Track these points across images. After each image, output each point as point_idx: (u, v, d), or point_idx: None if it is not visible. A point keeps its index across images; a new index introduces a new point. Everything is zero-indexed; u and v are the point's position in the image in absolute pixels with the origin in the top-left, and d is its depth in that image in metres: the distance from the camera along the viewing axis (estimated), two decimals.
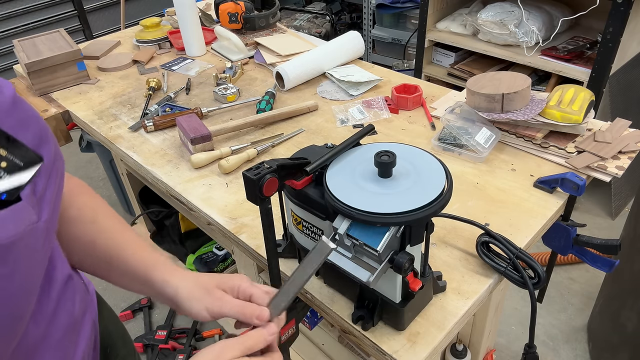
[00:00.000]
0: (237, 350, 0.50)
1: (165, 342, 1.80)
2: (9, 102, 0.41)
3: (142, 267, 0.62)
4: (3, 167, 0.38)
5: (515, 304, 1.88)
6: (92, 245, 0.63)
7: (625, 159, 0.99)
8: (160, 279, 0.61)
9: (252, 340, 0.52)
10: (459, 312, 0.74)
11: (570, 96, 1.04)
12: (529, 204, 0.93)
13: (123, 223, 0.68)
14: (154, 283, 0.61)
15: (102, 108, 1.36)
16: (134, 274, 0.63)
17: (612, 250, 0.89)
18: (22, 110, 0.42)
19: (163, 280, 0.61)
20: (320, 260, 0.57)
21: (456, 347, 1.14)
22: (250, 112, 1.29)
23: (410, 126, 1.19)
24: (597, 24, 2.06)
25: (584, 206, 2.28)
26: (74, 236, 0.63)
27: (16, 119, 0.41)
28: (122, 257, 0.63)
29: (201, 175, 1.08)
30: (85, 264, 0.64)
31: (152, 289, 0.62)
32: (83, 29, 3.23)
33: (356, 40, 1.48)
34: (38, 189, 0.42)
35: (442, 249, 0.84)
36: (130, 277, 0.63)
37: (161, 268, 0.62)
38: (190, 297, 0.59)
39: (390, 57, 3.04)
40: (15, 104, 0.41)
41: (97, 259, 0.64)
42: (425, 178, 0.64)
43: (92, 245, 0.63)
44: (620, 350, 1.49)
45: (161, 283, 0.61)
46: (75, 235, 0.63)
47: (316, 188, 0.69)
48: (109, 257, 0.63)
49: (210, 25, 1.79)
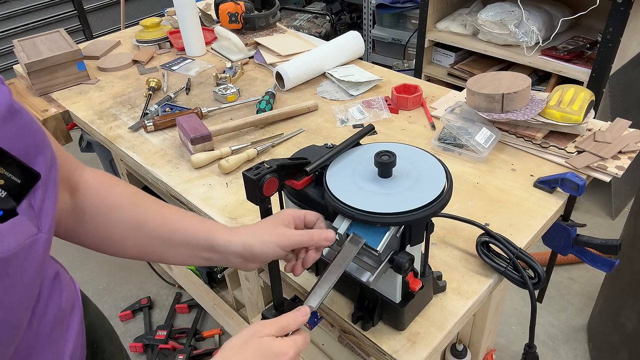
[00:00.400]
0: (272, 328, 0.53)
1: (165, 342, 1.80)
2: (4, 112, 0.41)
3: (203, 234, 0.63)
4: (1, 184, 0.39)
5: (515, 304, 1.88)
6: (142, 226, 0.64)
7: (625, 159, 0.99)
8: (223, 240, 0.63)
9: (286, 321, 0.55)
10: (459, 312, 0.74)
11: (570, 96, 1.04)
12: (529, 204, 0.93)
13: (162, 202, 0.69)
14: (219, 245, 0.63)
15: (102, 108, 1.36)
16: (195, 242, 0.64)
17: (612, 250, 0.89)
18: (18, 119, 0.42)
19: (227, 240, 0.62)
20: (353, 253, 0.61)
21: (456, 347, 1.14)
22: (250, 112, 1.29)
23: (410, 126, 1.19)
24: (597, 24, 2.06)
25: (584, 206, 2.28)
26: (119, 222, 0.64)
27: (12, 130, 0.41)
28: (178, 230, 0.64)
29: (201, 175, 1.08)
30: (134, 249, 0.65)
31: (217, 252, 0.63)
32: (83, 29, 3.23)
33: (356, 40, 1.48)
34: (36, 203, 0.42)
35: (442, 249, 0.84)
36: (191, 246, 0.64)
37: (221, 229, 0.64)
38: (260, 242, 0.61)
39: (390, 57, 3.04)
40: (11, 114, 0.42)
41: (149, 239, 0.64)
42: (425, 178, 0.64)
43: (142, 226, 0.64)
44: (620, 350, 1.49)
45: (226, 243, 0.62)
46: (119, 221, 0.64)
47: (316, 188, 0.69)
48: (164, 233, 0.64)
49: (210, 25, 1.79)
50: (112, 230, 0.64)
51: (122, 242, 0.64)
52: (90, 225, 0.64)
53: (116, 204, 0.65)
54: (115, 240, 0.64)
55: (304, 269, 0.66)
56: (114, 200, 0.65)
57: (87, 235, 0.64)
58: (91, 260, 2.21)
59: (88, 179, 0.65)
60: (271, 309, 0.69)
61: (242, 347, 0.52)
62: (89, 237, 0.64)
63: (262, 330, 0.53)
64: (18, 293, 0.39)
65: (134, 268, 2.17)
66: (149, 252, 0.66)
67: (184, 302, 1.99)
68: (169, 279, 2.07)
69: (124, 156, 1.18)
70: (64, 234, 0.63)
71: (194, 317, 1.92)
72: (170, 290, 2.07)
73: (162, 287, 2.09)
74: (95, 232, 0.64)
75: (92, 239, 0.64)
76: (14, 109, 0.42)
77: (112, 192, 0.66)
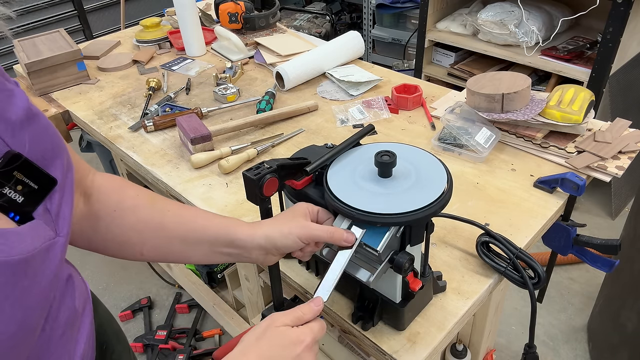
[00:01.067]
0: (288, 318, 0.55)
1: (165, 342, 1.80)
2: (22, 117, 0.41)
3: (223, 230, 0.64)
4: (19, 190, 0.39)
5: (515, 304, 1.88)
6: (160, 226, 0.64)
7: (625, 159, 0.99)
8: (245, 234, 0.63)
9: (301, 311, 0.56)
10: (459, 312, 0.74)
11: (570, 96, 1.04)
12: (529, 204, 0.93)
13: (178, 202, 0.69)
14: (241, 240, 0.63)
15: (102, 108, 1.36)
16: (215, 239, 0.64)
17: (612, 250, 0.89)
18: (35, 123, 0.43)
19: (249, 234, 0.63)
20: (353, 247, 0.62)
21: (456, 347, 1.14)
22: (250, 112, 1.29)
23: (410, 126, 1.19)
24: (597, 24, 2.06)
25: (584, 206, 2.28)
26: (136, 224, 0.63)
27: (29, 134, 0.41)
28: (197, 227, 0.64)
29: (201, 175, 1.08)
30: (153, 251, 0.65)
31: (238, 247, 0.64)
32: (83, 29, 3.23)
33: (356, 40, 1.48)
34: (52, 207, 0.43)
35: (442, 249, 0.84)
36: (211, 243, 0.64)
37: (242, 224, 0.64)
38: (280, 234, 0.62)
39: (390, 57, 3.04)
40: (28, 118, 0.42)
41: (168, 239, 0.64)
42: (426, 178, 0.64)
43: (160, 226, 0.64)
44: (620, 350, 1.49)
45: (248, 237, 0.63)
46: (136, 223, 0.63)
47: (316, 188, 0.69)
48: (183, 231, 0.64)
49: (210, 25, 1.79)
50: (129, 233, 0.63)
51: (140, 245, 0.64)
52: (105, 230, 0.63)
53: (132, 206, 0.64)
54: (132, 244, 0.64)
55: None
56: (129, 202, 0.64)
57: (104, 240, 0.63)
58: (91, 260, 2.21)
59: (100, 183, 0.65)
60: (271, 309, 0.69)
61: (261, 338, 0.53)
62: (105, 242, 0.63)
63: (279, 320, 0.55)
64: (36, 295, 0.39)
65: (134, 268, 2.17)
66: (168, 253, 0.65)
67: (184, 302, 1.99)
68: (169, 279, 2.07)
69: (124, 156, 1.18)
70: (80, 241, 0.63)
71: (194, 317, 1.92)
72: (170, 290, 2.07)
73: (162, 287, 2.09)
74: (110, 236, 0.63)
75: (108, 243, 0.64)
76: (31, 112, 0.42)
77: (126, 194, 0.65)
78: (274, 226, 0.63)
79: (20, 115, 0.41)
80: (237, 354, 0.52)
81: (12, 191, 0.38)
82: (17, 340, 0.38)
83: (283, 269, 0.82)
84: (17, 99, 0.42)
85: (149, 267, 2.10)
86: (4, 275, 0.35)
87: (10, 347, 0.37)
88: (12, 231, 0.37)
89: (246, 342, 0.53)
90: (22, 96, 0.42)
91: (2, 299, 0.36)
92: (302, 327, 0.55)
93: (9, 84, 0.44)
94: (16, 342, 0.38)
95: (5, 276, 0.36)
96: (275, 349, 0.52)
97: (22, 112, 0.41)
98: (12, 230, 0.38)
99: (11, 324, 0.37)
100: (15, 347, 0.38)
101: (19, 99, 0.42)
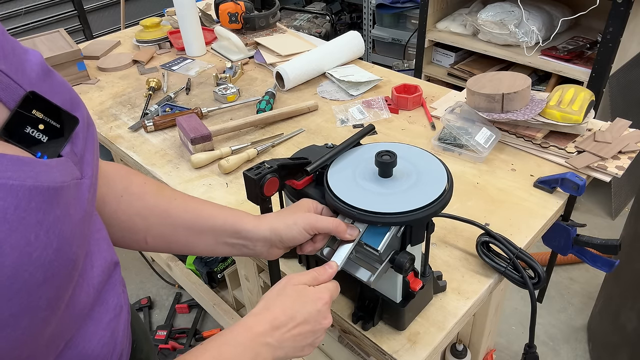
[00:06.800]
0: (305, 278, 0.58)
1: (165, 342, 1.80)
2: (38, 69, 0.41)
3: (229, 220, 0.64)
4: (41, 129, 0.39)
5: (515, 304, 1.88)
6: (166, 213, 0.64)
7: (625, 159, 0.99)
8: (251, 225, 0.64)
9: (317, 272, 0.59)
10: (459, 312, 0.74)
11: (570, 96, 1.04)
12: (529, 204, 0.93)
13: (184, 193, 0.69)
14: (246, 230, 0.64)
15: (102, 108, 1.36)
16: (221, 228, 0.64)
17: (612, 250, 0.89)
18: (52, 78, 0.43)
19: (254, 225, 0.64)
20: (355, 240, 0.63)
21: (456, 347, 1.14)
22: (250, 112, 1.29)
23: (410, 126, 1.19)
24: (597, 24, 2.06)
25: (584, 206, 2.28)
26: (142, 210, 0.63)
27: (47, 86, 0.41)
28: (203, 216, 0.64)
29: (201, 175, 1.08)
30: (158, 238, 0.65)
31: (243, 238, 0.64)
32: (83, 29, 3.22)
33: (356, 40, 1.48)
34: (78, 149, 0.43)
35: (442, 249, 0.84)
36: (217, 233, 0.65)
37: (248, 216, 0.65)
38: (285, 225, 0.63)
39: (390, 57, 3.04)
40: (44, 73, 0.42)
41: (173, 227, 0.64)
42: (426, 178, 0.64)
43: (166, 213, 0.64)
44: (620, 350, 1.49)
45: (253, 228, 0.64)
46: (143, 209, 0.64)
47: (317, 188, 0.69)
48: (189, 219, 0.64)
49: (210, 25, 1.79)
50: (134, 219, 0.63)
51: (145, 231, 0.64)
52: (111, 215, 0.63)
53: (139, 192, 0.64)
54: (137, 231, 0.64)
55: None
56: (137, 189, 0.64)
57: (109, 226, 0.62)
58: None
59: (107, 169, 0.65)
60: None
61: (281, 293, 0.56)
62: (110, 227, 0.63)
63: (296, 278, 0.58)
64: (70, 226, 0.39)
65: (134, 268, 2.17)
66: (172, 242, 0.65)
67: (184, 302, 1.99)
68: (169, 279, 2.07)
69: (124, 156, 1.18)
70: None
71: (194, 317, 1.92)
72: (170, 290, 2.07)
73: (162, 287, 2.09)
74: (116, 222, 0.63)
75: (113, 229, 0.63)
76: (47, 67, 0.43)
77: (133, 181, 0.65)
78: (278, 218, 0.64)
79: (36, 70, 0.41)
80: (260, 309, 0.55)
81: (35, 130, 0.38)
82: (55, 271, 0.37)
83: (283, 268, 0.82)
84: (31, 55, 0.42)
85: (149, 267, 2.10)
86: (34, 201, 0.35)
87: (47, 277, 0.36)
88: (40, 162, 0.37)
89: (267, 298, 0.56)
90: (36, 53, 0.43)
91: (36, 223, 0.35)
92: (320, 286, 0.58)
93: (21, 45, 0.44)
94: (54, 272, 0.37)
95: (37, 202, 0.35)
96: (297, 304, 0.55)
97: (38, 67, 0.42)
98: (40, 160, 0.37)
99: (48, 250, 0.36)
100: (52, 277, 0.37)
101: (32, 55, 0.42)
